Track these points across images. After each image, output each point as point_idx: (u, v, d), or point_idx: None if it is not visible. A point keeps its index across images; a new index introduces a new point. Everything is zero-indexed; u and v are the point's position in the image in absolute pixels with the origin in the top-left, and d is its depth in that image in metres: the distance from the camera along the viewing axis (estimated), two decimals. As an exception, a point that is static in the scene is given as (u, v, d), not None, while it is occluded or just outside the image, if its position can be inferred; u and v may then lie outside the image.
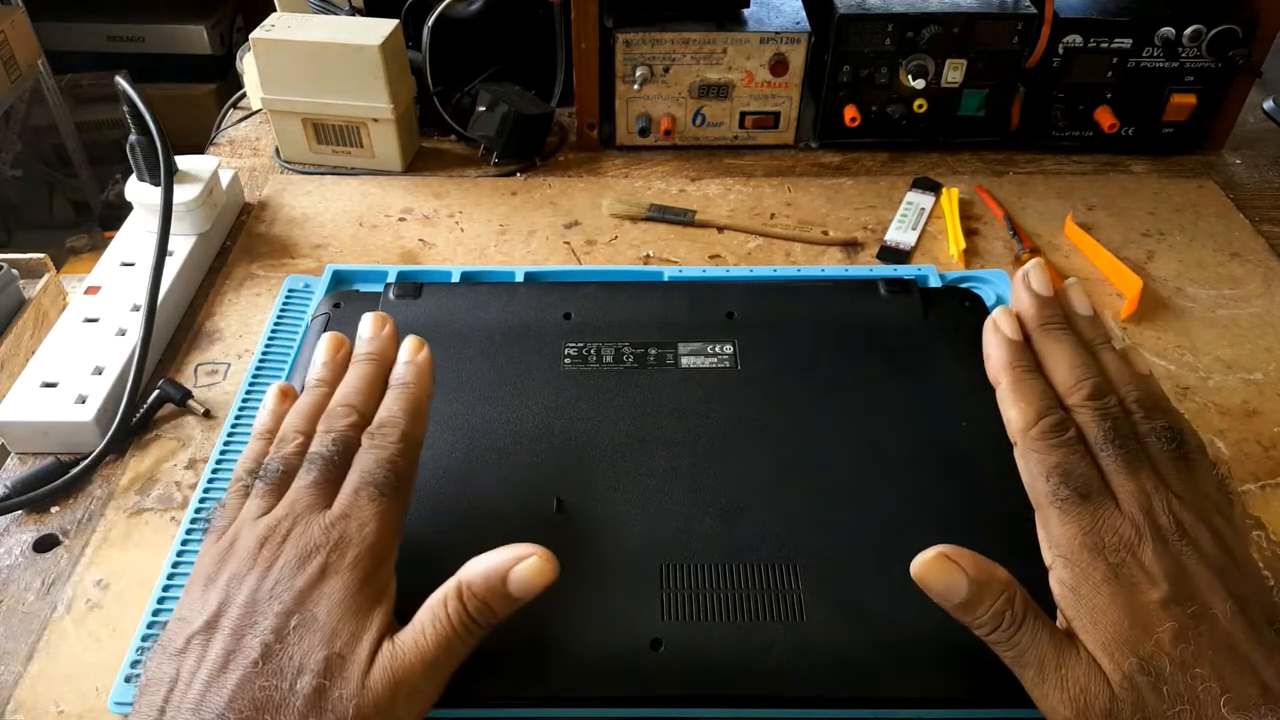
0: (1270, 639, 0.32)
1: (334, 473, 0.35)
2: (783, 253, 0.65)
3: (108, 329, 0.54)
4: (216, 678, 0.30)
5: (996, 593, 0.33)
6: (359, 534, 0.33)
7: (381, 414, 0.37)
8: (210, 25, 1.93)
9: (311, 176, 0.73)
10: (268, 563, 0.33)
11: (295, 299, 0.58)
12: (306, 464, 0.36)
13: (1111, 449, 0.35)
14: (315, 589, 0.32)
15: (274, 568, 0.33)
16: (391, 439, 0.36)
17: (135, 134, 0.58)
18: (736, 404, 0.46)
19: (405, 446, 0.36)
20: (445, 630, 0.32)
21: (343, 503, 0.34)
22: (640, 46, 0.70)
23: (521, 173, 0.74)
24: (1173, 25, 0.68)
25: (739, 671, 0.36)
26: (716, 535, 0.40)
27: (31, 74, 1.78)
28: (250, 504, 0.35)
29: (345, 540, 0.33)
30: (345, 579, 0.32)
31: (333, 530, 0.33)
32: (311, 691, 0.30)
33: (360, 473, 0.35)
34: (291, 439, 0.37)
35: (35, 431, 0.50)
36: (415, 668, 0.31)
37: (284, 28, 0.68)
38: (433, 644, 0.32)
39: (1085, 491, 0.34)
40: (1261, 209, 0.69)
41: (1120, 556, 0.33)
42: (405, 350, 0.40)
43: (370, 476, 0.35)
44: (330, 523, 0.34)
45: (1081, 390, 0.37)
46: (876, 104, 0.72)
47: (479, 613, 0.33)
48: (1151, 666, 0.31)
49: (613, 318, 0.51)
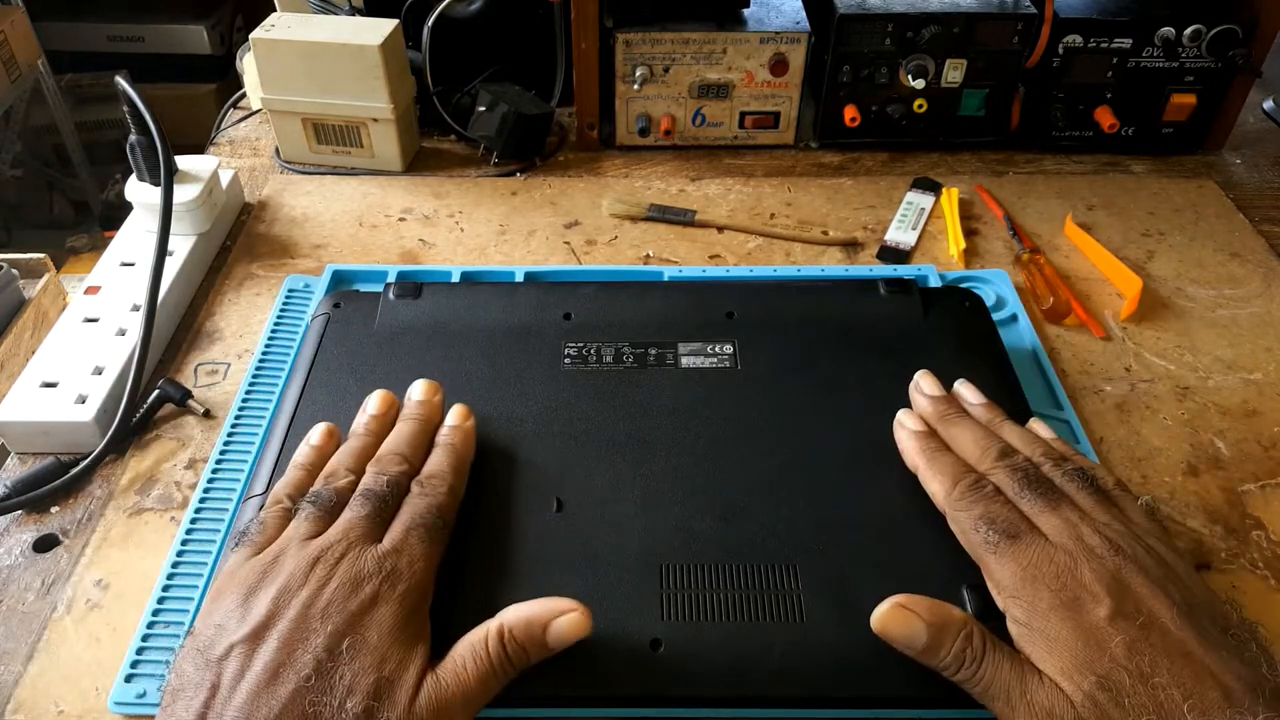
0: (1223, 643, 0.32)
1: (386, 511, 0.38)
2: (783, 253, 0.65)
3: (108, 329, 0.54)
4: (266, 688, 0.31)
5: (954, 632, 0.34)
6: (409, 569, 0.35)
7: (431, 466, 0.40)
8: (210, 25, 1.93)
9: (311, 176, 0.73)
10: (320, 582, 0.34)
11: (295, 299, 0.58)
12: (360, 498, 0.38)
13: (1029, 494, 0.37)
14: (368, 614, 0.33)
15: (327, 588, 0.34)
16: (440, 490, 0.39)
17: (135, 134, 0.58)
18: (736, 404, 0.46)
19: (451, 500, 0.39)
20: (484, 667, 0.34)
21: (394, 538, 0.36)
22: (640, 46, 0.70)
23: (521, 173, 0.74)
24: (1173, 25, 0.68)
25: (739, 672, 0.36)
26: (716, 535, 0.40)
27: (31, 74, 1.78)
28: (299, 526, 0.37)
29: (397, 573, 0.35)
30: (395, 609, 0.34)
31: (385, 562, 0.35)
32: (361, 712, 0.31)
33: (412, 514, 0.37)
34: (343, 475, 0.39)
35: (35, 431, 0.50)
36: (455, 699, 0.33)
37: (284, 28, 0.68)
38: (473, 678, 0.33)
39: (1014, 532, 0.36)
40: (1261, 209, 0.69)
41: (1061, 581, 0.34)
42: (454, 416, 0.43)
43: (421, 519, 0.37)
44: (383, 554, 0.35)
45: (989, 455, 0.39)
46: (876, 104, 0.72)
47: (516, 655, 0.34)
48: (1110, 682, 0.31)
49: (613, 318, 0.51)
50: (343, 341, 0.50)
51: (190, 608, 0.41)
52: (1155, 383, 0.54)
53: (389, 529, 0.37)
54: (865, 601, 0.37)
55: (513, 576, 0.39)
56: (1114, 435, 0.51)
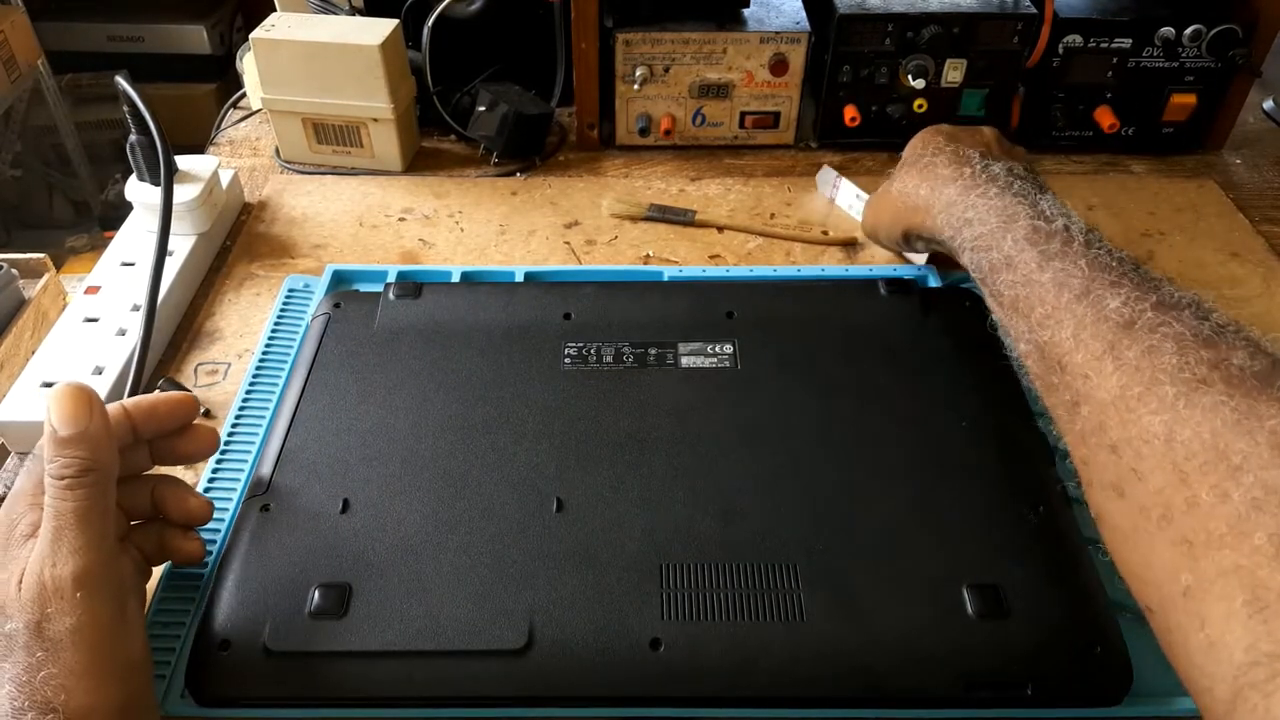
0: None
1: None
2: (783, 253, 0.65)
3: (108, 329, 0.54)
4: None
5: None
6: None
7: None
8: (210, 25, 1.93)
9: (311, 176, 0.73)
10: None
11: (295, 299, 0.58)
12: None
13: None
14: None
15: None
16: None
17: (135, 134, 0.58)
18: (736, 404, 0.46)
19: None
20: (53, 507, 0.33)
21: None
22: (640, 46, 0.70)
23: (521, 173, 0.73)
24: (1173, 25, 0.68)
25: (739, 671, 0.36)
26: (716, 535, 0.40)
27: (31, 74, 1.78)
28: None
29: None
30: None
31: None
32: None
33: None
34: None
35: (35, 431, 0.49)
36: (56, 555, 0.33)
37: (284, 28, 0.68)
38: (47, 524, 0.33)
39: None
40: (1261, 209, 0.69)
41: None
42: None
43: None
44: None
45: None
46: (876, 104, 0.72)
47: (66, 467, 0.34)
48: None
49: (613, 318, 0.51)
50: (343, 341, 0.50)
51: (190, 606, 0.41)
52: (1155, 383, 0.54)
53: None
54: (865, 601, 0.37)
55: (513, 576, 0.39)
56: (1114, 435, 0.51)
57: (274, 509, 0.42)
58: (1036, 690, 0.35)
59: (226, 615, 0.38)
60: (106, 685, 0.32)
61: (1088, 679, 0.36)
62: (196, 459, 0.42)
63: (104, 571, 0.33)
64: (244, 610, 0.38)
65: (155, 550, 0.39)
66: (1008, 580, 0.38)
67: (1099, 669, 0.36)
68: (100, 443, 0.35)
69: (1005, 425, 0.45)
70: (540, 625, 0.37)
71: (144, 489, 0.39)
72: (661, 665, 0.36)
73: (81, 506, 0.33)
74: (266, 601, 0.38)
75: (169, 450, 0.40)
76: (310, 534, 0.41)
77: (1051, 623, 0.37)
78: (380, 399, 0.46)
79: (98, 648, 0.32)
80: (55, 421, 0.34)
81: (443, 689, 0.36)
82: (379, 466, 0.43)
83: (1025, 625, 0.37)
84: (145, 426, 0.38)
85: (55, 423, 0.34)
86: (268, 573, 0.39)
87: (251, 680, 0.36)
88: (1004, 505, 0.41)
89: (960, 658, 0.36)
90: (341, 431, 0.45)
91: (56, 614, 0.32)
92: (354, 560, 0.39)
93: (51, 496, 0.34)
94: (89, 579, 0.33)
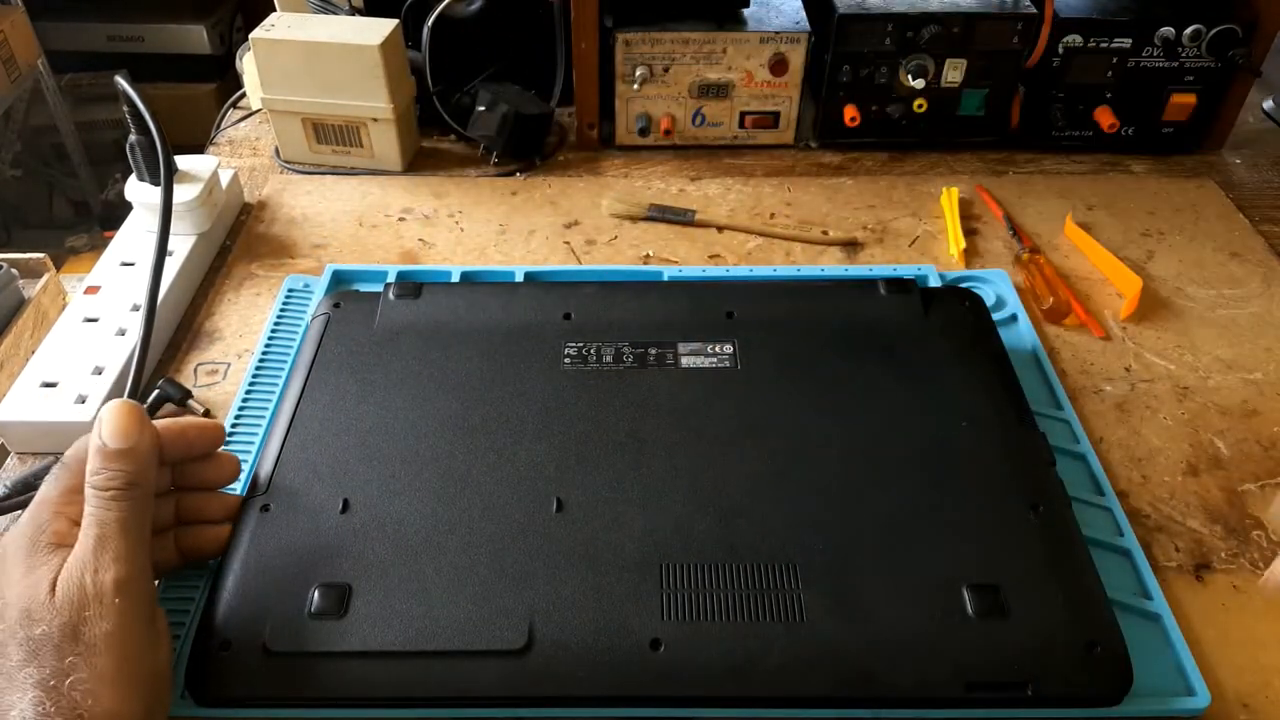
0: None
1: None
2: (783, 252, 0.65)
3: (107, 329, 0.54)
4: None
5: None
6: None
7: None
8: (210, 25, 1.93)
9: (311, 176, 0.73)
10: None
11: (295, 299, 0.58)
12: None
13: None
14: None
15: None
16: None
17: (135, 134, 0.58)
18: (736, 404, 0.46)
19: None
20: (97, 515, 0.34)
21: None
22: (640, 46, 0.70)
23: (521, 172, 0.73)
24: (1173, 25, 0.68)
25: (739, 671, 0.36)
26: (716, 535, 0.40)
27: (31, 74, 1.78)
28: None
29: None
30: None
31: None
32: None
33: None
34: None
35: (35, 431, 0.50)
36: (96, 562, 0.33)
37: (284, 27, 0.68)
38: (90, 537, 0.34)
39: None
40: (1261, 209, 0.69)
41: None
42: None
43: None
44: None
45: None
46: (876, 104, 0.72)
47: (110, 480, 0.35)
48: None
49: (612, 318, 0.51)
50: (343, 341, 0.50)
51: (190, 608, 0.41)
52: (1155, 382, 0.54)
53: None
54: (865, 601, 0.37)
55: (513, 576, 0.39)
56: (1114, 435, 0.51)
57: (274, 509, 0.42)
58: (1036, 690, 0.35)
59: (226, 615, 0.38)
60: (133, 693, 0.32)
61: (1087, 679, 0.36)
62: (216, 485, 0.42)
63: (142, 580, 0.34)
64: (244, 610, 0.38)
65: (170, 559, 0.40)
66: (1008, 580, 0.38)
67: (1099, 669, 0.36)
68: (146, 459, 0.36)
69: (1005, 425, 0.45)
70: (540, 625, 0.37)
71: (165, 506, 0.40)
72: (661, 665, 0.36)
73: (124, 517, 0.34)
74: (266, 602, 0.38)
75: (192, 473, 0.41)
76: (310, 534, 0.41)
77: (1051, 623, 0.37)
78: (380, 399, 0.46)
79: (130, 655, 0.33)
80: (106, 435, 0.35)
81: (443, 689, 0.36)
82: (379, 466, 0.43)
83: (1025, 625, 0.37)
84: (173, 449, 0.39)
85: (106, 436, 0.35)
86: (268, 573, 0.39)
87: (251, 680, 0.36)
88: (1004, 505, 0.41)
89: (960, 658, 0.36)
90: (341, 431, 0.45)
91: (94, 618, 0.32)
92: (354, 560, 0.39)
93: (95, 506, 0.34)
94: (129, 586, 0.33)
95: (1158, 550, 0.45)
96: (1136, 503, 0.47)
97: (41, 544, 0.34)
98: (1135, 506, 0.47)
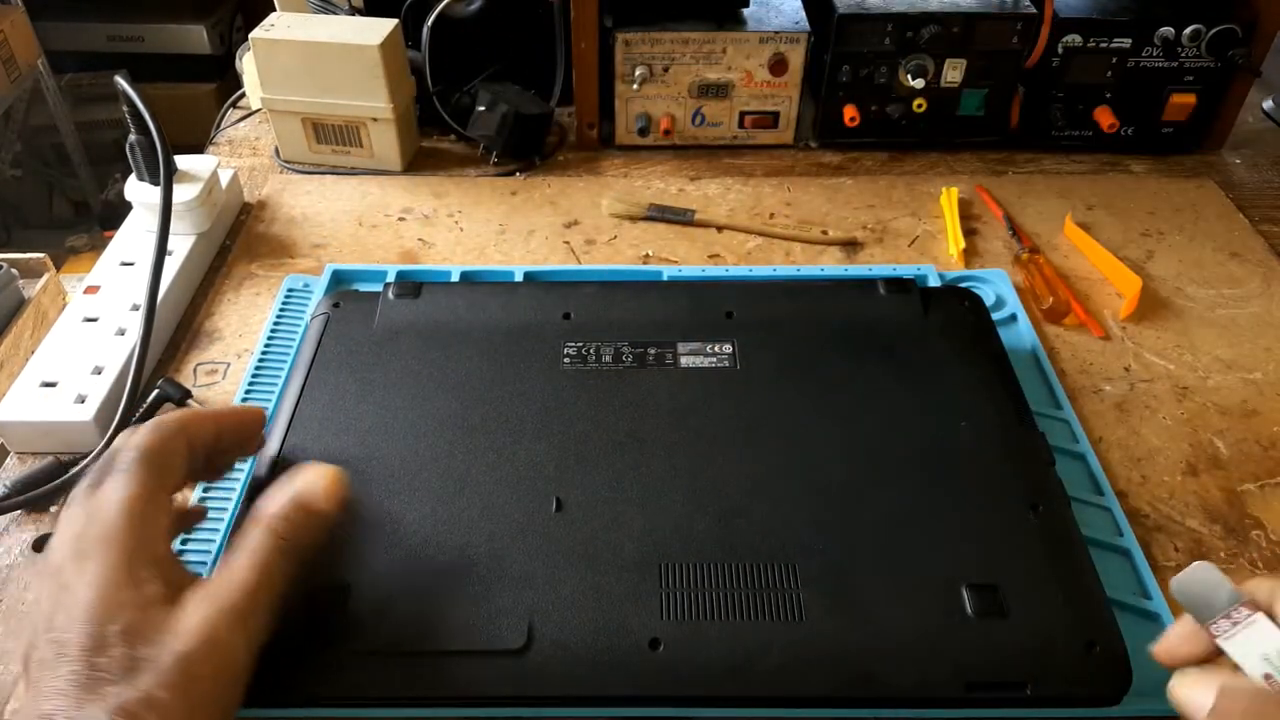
0: None
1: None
2: (782, 252, 0.65)
3: (107, 328, 0.54)
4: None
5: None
6: (99, 512, 0.34)
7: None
8: (210, 25, 1.93)
9: (311, 176, 0.73)
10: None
11: (295, 299, 0.58)
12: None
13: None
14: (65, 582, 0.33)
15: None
16: (138, 433, 0.36)
17: (135, 134, 0.58)
18: (736, 404, 0.46)
19: (157, 439, 0.36)
20: (258, 558, 0.34)
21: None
22: (640, 46, 0.70)
23: (521, 172, 0.73)
24: (1172, 25, 0.68)
25: (738, 671, 0.36)
26: (715, 535, 0.40)
27: (31, 74, 1.78)
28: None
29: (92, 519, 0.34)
30: (102, 559, 0.33)
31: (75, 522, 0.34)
32: (118, 667, 0.30)
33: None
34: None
35: (35, 431, 0.50)
36: (233, 598, 0.33)
37: (284, 27, 0.68)
38: (248, 572, 0.34)
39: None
40: (1261, 209, 0.69)
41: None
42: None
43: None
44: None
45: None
46: (876, 104, 0.72)
47: (290, 533, 0.35)
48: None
49: (612, 317, 0.51)
50: (342, 341, 0.50)
51: (190, 607, 0.41)
52: (1155, 382, 0.54)
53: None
54: (864, 600, 0.37)
55: (512, 576, 0.39)
56: (1113, 435, 0.51)
57: (273, 509, 0.41)
58: (1036, 690, 0.35)
59: (226, 615, 0.38)
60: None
61: (1087, 679, 0.36)
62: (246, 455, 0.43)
63: (268, 625, 0.34)
64: (243, 610, 0.38)
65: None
66: (1007, 580, 0.38)
67: (1098, 669, 0.36)
68: (326, 527, 0.37)
69: (1005, 425, 0.45)
70: (540, 625, 0.37)
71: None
72: (661, 665, 0.36)
73: (287, 567, 0.35)
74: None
75: (227, 465, 0.41)
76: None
77: (1051, 623, 0.37)
78: (380, 399, 0.46)
79: (228, 693, 0.32)
80: (320, 493, 0.36)
81: (442, 689, 0.36)
82: (378, 466, 0.43)
83: (1025, 625, 0.37)
84: (228, 438, 0.39)
85: (320, 494, 0.36)
86: (267, 572, 0.39)
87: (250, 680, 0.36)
88: (1004, 505, 0.41)
89: (959, 657, 0.36)
90: (341, 431, 0.45)
91: (217, 651, 0.31)
92: (354, 560, 0.39)
93: (267, 546, 0.34)
94: (258, 630, 0.33)
95: (1157, 550, 0.45)
96: (1136, 502, 0.47)
97: (142, 558, 0.32)
98: (1135, 506, 0.47)
